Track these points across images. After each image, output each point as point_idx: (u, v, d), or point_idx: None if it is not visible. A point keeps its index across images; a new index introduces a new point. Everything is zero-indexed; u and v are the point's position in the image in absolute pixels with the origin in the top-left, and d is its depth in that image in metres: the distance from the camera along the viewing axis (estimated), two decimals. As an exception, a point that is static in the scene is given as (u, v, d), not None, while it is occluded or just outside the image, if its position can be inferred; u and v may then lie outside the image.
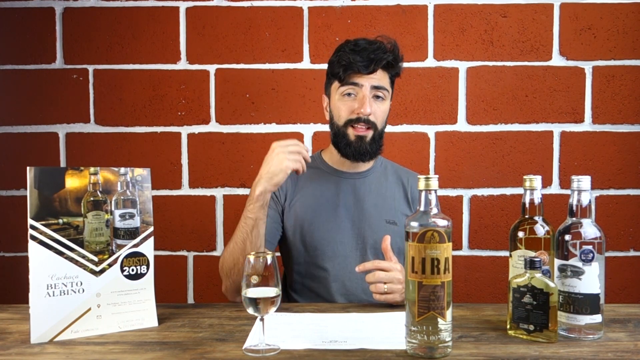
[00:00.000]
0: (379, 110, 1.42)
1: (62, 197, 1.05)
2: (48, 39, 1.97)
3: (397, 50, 1.43)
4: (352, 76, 1.39)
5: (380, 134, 1.45)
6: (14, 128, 1.99)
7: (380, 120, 1.43)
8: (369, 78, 1.39)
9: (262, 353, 0.93)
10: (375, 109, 1.41)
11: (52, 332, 1.02)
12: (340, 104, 1.42)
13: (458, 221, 1.97)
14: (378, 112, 1.42)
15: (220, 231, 2.00)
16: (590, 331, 1.00)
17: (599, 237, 1.00)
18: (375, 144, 1.43)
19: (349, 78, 1.39)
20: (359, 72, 1.37)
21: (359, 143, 1.41)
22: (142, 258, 1.13)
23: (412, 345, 0.92)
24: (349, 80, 1.40)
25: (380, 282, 1.20)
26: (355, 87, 1.40)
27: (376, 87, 1.40)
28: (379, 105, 1.42)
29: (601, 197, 1.95)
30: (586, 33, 1.93)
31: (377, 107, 1.41)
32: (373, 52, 1.37)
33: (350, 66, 1.37)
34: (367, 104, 1.38)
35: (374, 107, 1.40)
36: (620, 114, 1.94)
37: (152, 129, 1.98)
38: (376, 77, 1.39)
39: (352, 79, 1.39)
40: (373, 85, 1.39)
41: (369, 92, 1.39)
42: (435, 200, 0.94)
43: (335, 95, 1.44)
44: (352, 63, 1.37)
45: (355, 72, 1.38)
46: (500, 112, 1.96)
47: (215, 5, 1.96)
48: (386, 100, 1.44)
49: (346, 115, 1.41)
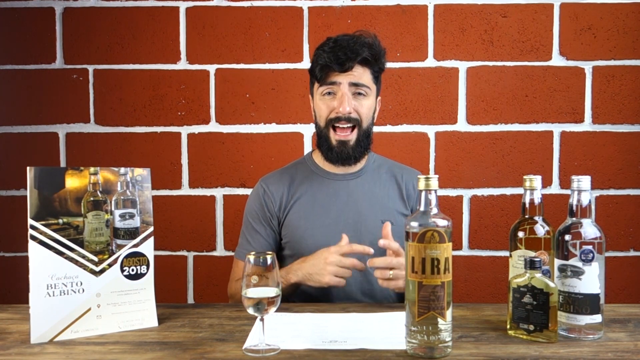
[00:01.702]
0: (361, 107, 1.39)
1: (62, 197, 1.05)
2: (48, 39, 1.97)
3: (376, 44, 1.40)
4: (330, 75, 1.37)
5: (366, 132, 1.42)
6: (14, 128, 1.99)
7: (364, 117, 1.40)
8: (347, 75, 1.36)
9: (262, 353, 0.93)
10: (357, 106, 1.38)
11: (52, 332, 1.02)
12: (321, 103, 1.41)
13: (458, 221, 1.97)
14: (361, 109, 1.39)
15: (220, 231, 2.00)
16: (590, 331, 1.00)
17: (599, 237, 1.00)
18: (359, 146, 1.41)
19: (327, 77, 1.37)
20: (335, 70, 1.35)
21: (341, 148, 1.39)
22: (142, 258, 1.13)
23: (412, 345, 0.92)
24: (326, 79, 1.37)
25: (389, 266, 1.20)
26: (334, 86, 1.38)
27: (355, 84, 1.37)
28: (361, 102, 1.39)
29: (601, 197, 1.95)
30: (586, 33, 1.93)
31: (358, 104, 1.38)
32: (349, 49, 1.34)
33: (326, 65, 1.35)
34: (345, 102, 1.36)
35: (355, 104, 1.38)
36: (620, 114, 1.94)
37: (152, 129, 1.98)
38: (355, 73, 1.37)
39: (330, 78, 1.37)
40: (351, 82, 1.37)
41: (348, 89, 1.37)
42: (435, 200, 0.94)
43: (317, 95, 1.42)
44: (327, 62, 1.34)
45: (332, 71, 1.36)
46: (500, 112, 1.96)
47: (215, 5, 1.96)
48: (369, 97, 1.40)
49: (326, 114, 1.40)
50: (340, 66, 1.34)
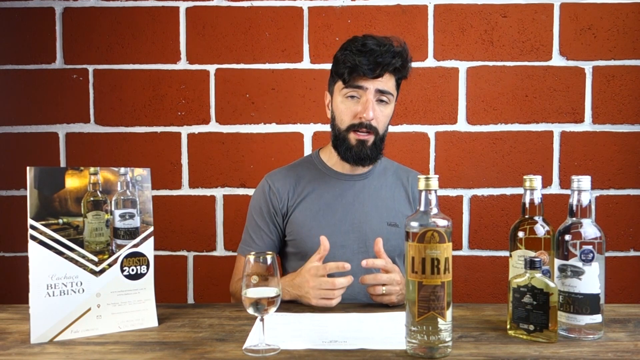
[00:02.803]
0: (381, 115, 1.38)
1: (62, 197, 1.05)
2: (48, 39, 1.97)
3: (406, 53, 1.38)
4: (357, 79, 1.34)
5: (382, 138, 1.42)
6: (14, 128, 1.99)
7: (382, 125, 1.39)
8: (375, 81, 1.34)
9: (262, 353, 0.93)
10: (378, 114, 1.37)
11: (52, 332, 1.02)
12: (343, 106, 1.39)
13: (458, 221, 1.97)
14: (380, 117, 1.38)
15: (220, 231, 2.00)
16: (590, 331, 1.00)
17: (599, 237, 1.00)
18: (376, 148, 1.40)
19: (354, 80, 1.35)
20: (364, 75, 1.33)
21: (359, 147, 1.38)
22: (142, 258, 1.13)
23: (412, 345, 0.92)
24: (353, 82, 1.35)
25: (379, 283, 1.21)
26: (359, 90, 1.36)
27: (381, 91, 1.35)
28: (382, 110, 1.38)
29: (601, 197, 1.95)
30: (586, 33, 1.93)
31: (380, 112, 1.37)
32: (381, 56, 1.31)
33: (356, 68, 1.32)
34: (369, 108, 1.34)
35: (377, 112, 1.36)
36: (620, 114, 1.94)
37: (152, 129, 1.98)
38: (382, 80, 1.35)
39: (357, 81, 1.35)
40: (378, 89, 1.35)
41: (373, 96, 1.35)
42: (435, 200, 0.94)
43: (339, 96, 1.40)
44: (357, 66, 1.31)
45: (360, 75, 1.33)
46: (500, 112, 1.96)
47: (215, 5, 1.96)
48: (390, 104, 1.40)
49: (349, 119, 1.38)
50: (371, 72, 1.32)
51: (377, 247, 1.25)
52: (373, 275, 1.21)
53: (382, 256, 1.24)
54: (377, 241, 1.25)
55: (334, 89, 1.43)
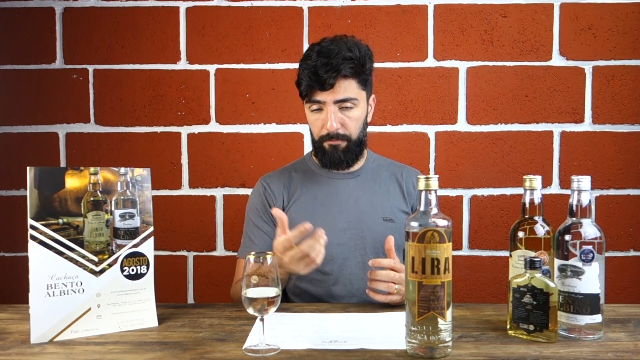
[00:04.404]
0: (348, 120, 1.38)
1: (62, 197, 1.05)
2: (48, 39, 1.97)
3: (356, 54, 1.35)
4: (314, 93, 1.36)
5: (357, 142, 1.42)
6: (14, 128, 1.99)
7: (352, 129, 1.39)
8: (331, 93, 1.35)
9: (262, 353, 0.93)
10: (345, 120, 1.38)
11: (52, 332, 1.02)
12: (312, 119, 1.42)
13: (458, 221, 1.97)
14: (348, 122, 1.38)
15: (220, 231, 2.00)
16: (590, 331, 1.00)
17: (599, 237, 1.00)
18: (350, 152, 1.42)
19: (312, 95, 1.37)
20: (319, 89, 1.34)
21: (332, 153, 1.40)
22: (142, 258, 1.13)
23: (412, 345, 0.92)
24: (311, 97, 1.37)
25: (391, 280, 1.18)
26: (319, 104, 1.38)
27: (340, 100, 1.36)
28: (349, 115, 1.38)
29: (601, 197, 1.95)
30: (586, 33, 1.93)
31: (345, 119, 1.38)
32: (329, 66, 1.31)
33: (310, 85, 1.35)
34: (331, 120, 1.35)
35: (343, 119, 1.37)
36: (620, 114, 1.94)
37: (152, 129, 1.98)
38: (339, 89, 1.34)
39: (314, 96, 1.36)
40: (336, 99, 1.35)
41: (332, 107, 1.36)
42: (435, 200, 0.94)
43: (306, 109, 1.43)
44: (309, 82, 1.34)
45: (315, 89, 1.35)
46: (500, 112, 1.96)
47: (215, 5, 1.96)
48: (357, 107, 1.39)
49: (318, 131, 1.41)
50: (321, 86, 1.33)
51: (388, 245, 1.23)
52: (386, 272, 1.19)
53: (392, 255, 1.22)
54: (388, 239, 1.23)
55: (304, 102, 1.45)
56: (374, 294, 1.20)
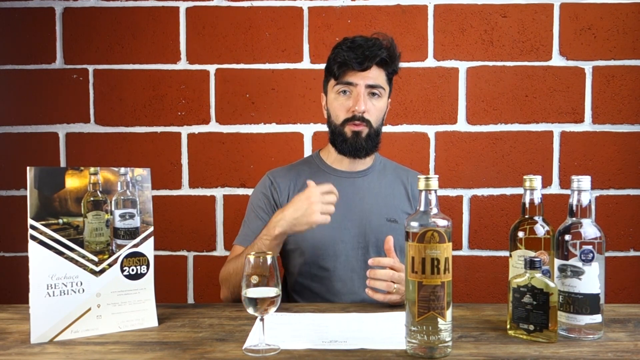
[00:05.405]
0: (373, 108, 1.42)
1: (62, 197, 1.05)
2: (48, 39, 1.97)
3: (393, 47, 1.43)
4: (347, 74, 1.40)
5: (376, 131, 1.45)
6: (14, 128, 1.99)
7: (374, 117, 1.43)
8: (364, 76, 1.39)
9: (262, 353, 0.93)
10: (370, 107, 1.41)
11: (52, 332, 1.02)
12: (337, 103, 1.43)
13: (458, 221, 1.97)
14: (372, 110, 1.42)
15: (220, 231, 2.00)
16: (590, 331, 1.00)
17: (599, 237, 1.00)
18: (371, 140, 1.44)
19: (344, 76, 1.40)
20: (353, 69, 1.38)
21: (354, 139, 1.42)
22: (142, 258, 1.13)
23: (412, 345, 0.92)
24: (343, 78, 1.40)
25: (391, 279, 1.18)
26: (350, 86, 1.41)
27: (371, 85, 1.40)
28: (375, 103, 1.42)
29: (601, 197, 1.95)
30: (586, 33, 1.93)
31: (372, 105, 1.42)
32: (368, 49, 1.38)
33: (345, 63, 1.38)
34: (361, 101, 1.39)
35: (369, 105, 1.41)
36: (620, 114, 1.94)
37: (152, 129, 1.98)
38: (371, 75, 1.40)
39: (347, 77, 1.40)
40: (368, 84, 1.40)
41: (364, 89, 1.40)
42: (435, 200, 0.94)
43: (332, 93, 1.45)
44: (346, 60, 1.37)
45: (349, 70, 1.39)
46: (500, 112, 1.96)
47: (215, 5, 1.96)
48: (382, 98, 1.44)
49: (343, 114, 1.42)
50: (359, 65, 1.37)
51: (388, 245, 1.24)
52: (386, 271, 1.19)
53: (392, 255, 1.23)
54: (388, 239, 1.24)
55: (328, 87, 1.48)
56: (373, 292, 1.20)
